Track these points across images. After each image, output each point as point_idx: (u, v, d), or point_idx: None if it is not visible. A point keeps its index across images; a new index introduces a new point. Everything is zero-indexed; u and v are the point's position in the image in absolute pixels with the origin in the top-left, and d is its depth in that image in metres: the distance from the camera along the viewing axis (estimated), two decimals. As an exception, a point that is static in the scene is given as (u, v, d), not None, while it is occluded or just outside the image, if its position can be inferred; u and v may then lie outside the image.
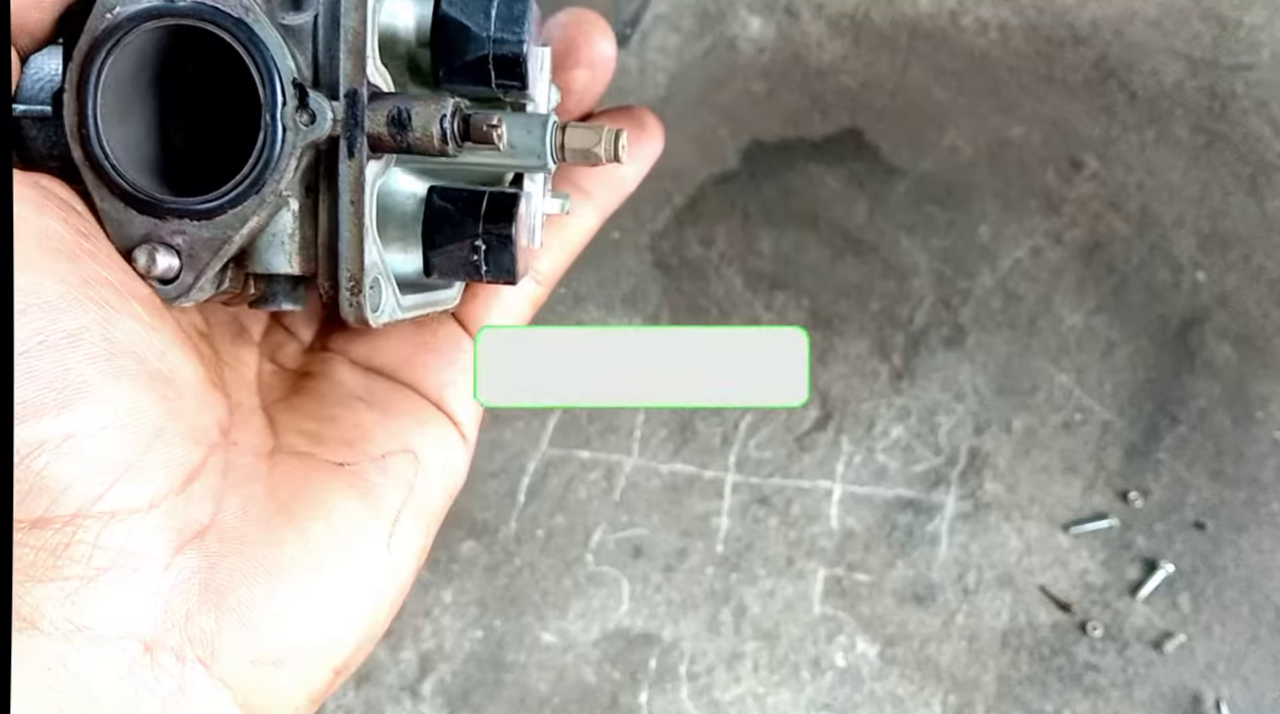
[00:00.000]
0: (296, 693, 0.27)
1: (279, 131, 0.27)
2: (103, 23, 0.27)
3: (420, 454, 0.32)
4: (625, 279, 0.73)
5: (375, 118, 0.27)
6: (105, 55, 0.27)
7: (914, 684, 0.67)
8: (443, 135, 0.28)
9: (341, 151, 0.27)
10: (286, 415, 0.31)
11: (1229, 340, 0.73)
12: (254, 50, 0.27)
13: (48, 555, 0.23)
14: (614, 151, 0.31)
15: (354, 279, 0.28)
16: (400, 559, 0.30)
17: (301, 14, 0.27)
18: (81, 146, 0.27)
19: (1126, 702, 0.67)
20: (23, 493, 0.23)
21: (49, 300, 0.24)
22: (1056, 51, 0.78)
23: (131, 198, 0.27)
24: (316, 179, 0.28)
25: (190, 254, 0.27)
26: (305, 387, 0.33)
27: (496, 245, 0.30)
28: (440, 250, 0.31)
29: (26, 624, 0.23)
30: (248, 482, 0.28)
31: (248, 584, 0.26)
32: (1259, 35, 0.78)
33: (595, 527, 0.70)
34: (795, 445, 0.71)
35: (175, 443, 0.26)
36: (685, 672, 0.67)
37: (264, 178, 0.27)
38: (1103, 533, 0.69)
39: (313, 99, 0.27)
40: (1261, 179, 0.75)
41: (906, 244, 0.74)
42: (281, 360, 0.34)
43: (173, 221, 0.27)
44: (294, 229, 0.28)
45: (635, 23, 0.78)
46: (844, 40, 0.78)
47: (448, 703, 0.67)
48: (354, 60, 0.27)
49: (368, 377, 0.33)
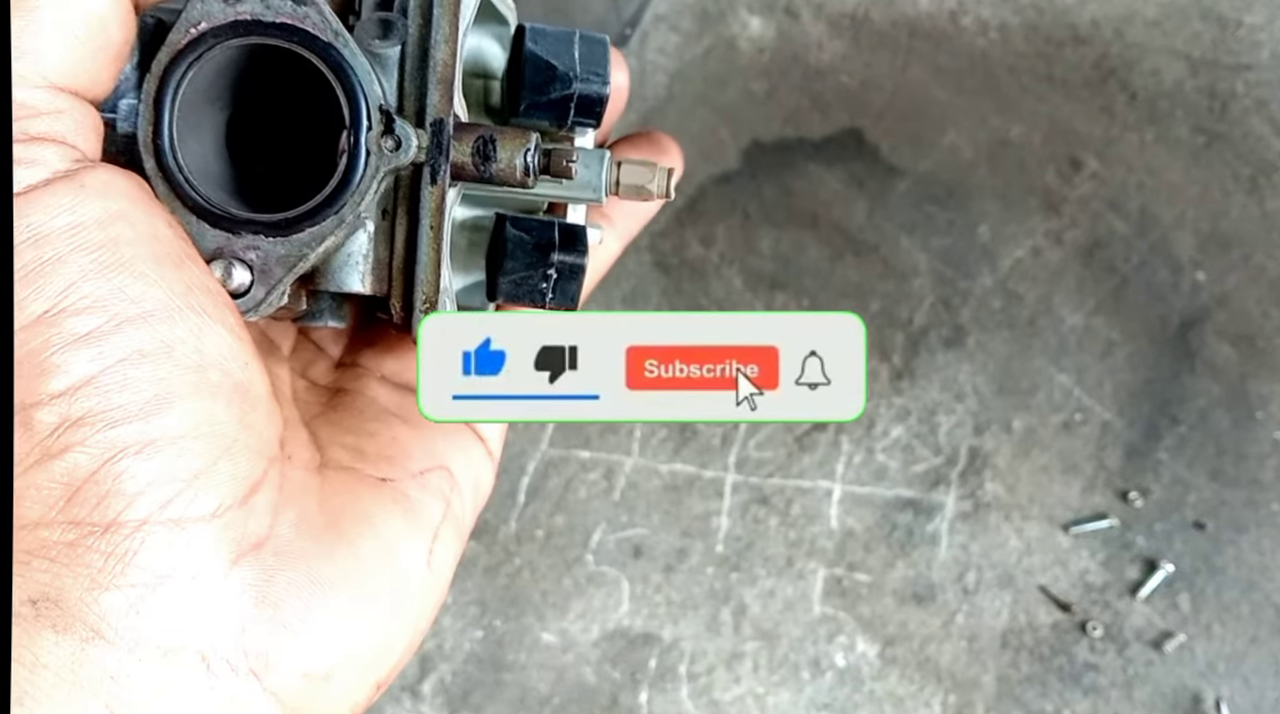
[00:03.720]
0: (342, 706, 0.28)
1: (362, 155, 0.27)
2: (186, 36, 0.27)
3: (454, 471, 0.32)
4: (625, 279, 0.74)
5: (460, 148, 0.28)
6: (186, 69, 0.27)
7: (914, 684, 0.67)
8: (525, 168, 0.28)
9: (424, 178, 0.28)
10: (326, 430, 0.32)
11: (1229, 340, 0.73)
12: (342, 75, 0.27)
13: (116, 562, 0.24)
14: (666, 188, 0.32)
15: (429, 301, 0.29)
16: (439, 573, 0.31)
17: (390, 43, 0.28)
18: (156, 158, 0.27)
19: (1126, 702, 0.67)
20: (100, 496, 0.23)
21: (152, 310, 0.25)
22: (1056, 51, 0.78)
23: (205, 212, 0.27)
24: (394, 203, 0.29)
25: (263, 269, 0.28)
26: (341, 402, 0.33)
27: (568, 275, 0.31)
28: (511, 277, 0.31)
29: (94, 634, 0.23)
30: (301, 495, 0.28)
31: (302, 597, 0.26)
32: (1259, 35, 0.78)
33: (595, 527, 0.70)
34: (795, 445, 0.71)
35: (243, 455, 0.26)
36: (685, 672, 0.67)
37: (344, 199, 0.28)
38: (1103, 533, 0.69)
39: (399, 126, 0.28)
40: (1261, 179, 0.75)
41: (906, 244, 0.74)
42: (313, 376, 0.34)
43: (246, 237, 0.28)
44: (368, 250, 0.29)
45: (635, 23, 0.78)
46: (844, 40, 0.78)
47: (448, 703, 0.67)
48: (442, 91, 0.28)
49: (399, 393, 0.34)
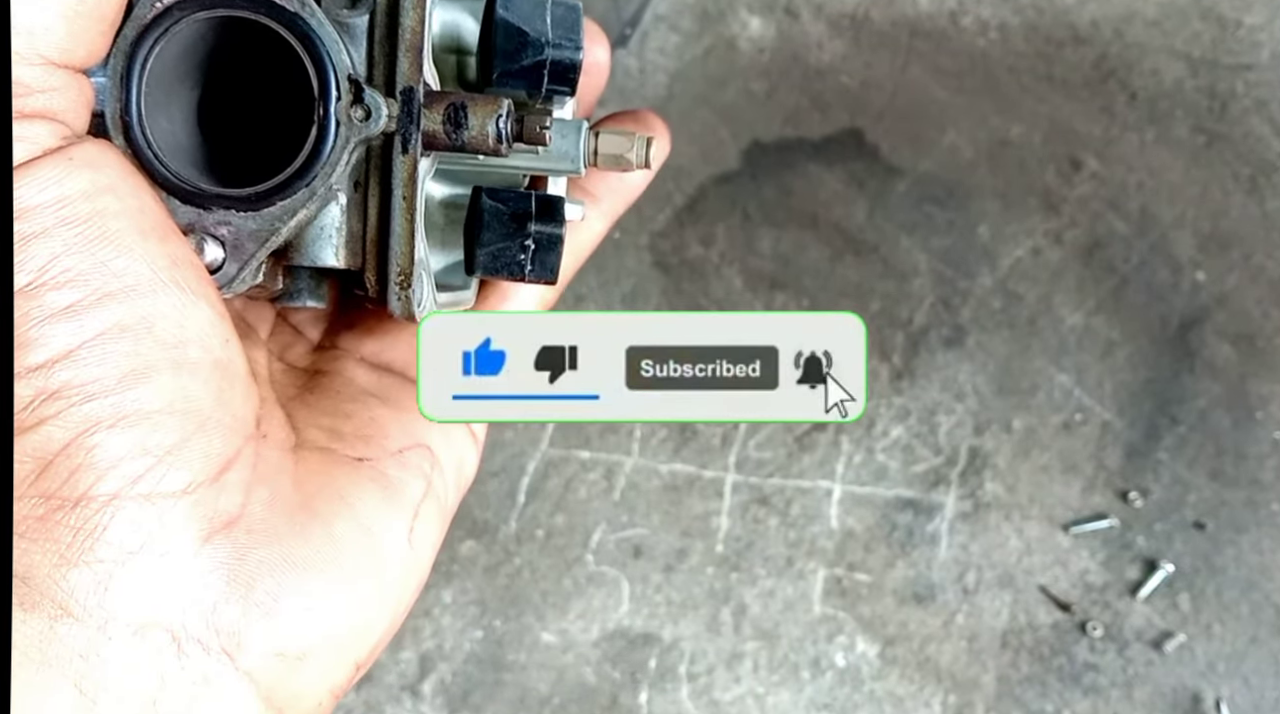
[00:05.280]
0: (320, 687, 0.28)
1: (332, 126, 0.27)
2: (151, 11, 0.27)
3: (434, 449, 0.32)
4: (625, 279, 0.73)
5: (431, 115, 0.28)
6: (152, 45, 0.27)
7: (914, 684, 0.67)
8: (498, 135, 0.28)
9: (396, 147, 0.28)
10: (302, 412, 0.31)
11: (1229, 340, 0.73)
12: (309, 45, 0.27)
13: (85, 537, 0.23)
14: (645, 158, 0.31)
15: (403, 274, 0.28)
16: (420, 552, 0.31)
17: (357, 11, 0.27)
18: (125, 134, 0.27)
19: (1126, 702, 0.67)
20: (71, 469, 0.23)
21: (134, 284, 0.24)
22: (1056, 51, 0.78)
23: (175, 188, 0.27)
24: (366, 174, 0.29)
25: (235, 245, 0.27)
26: (318, 384, 0.33)
27: (546, 245, 0.31)
28: (488, 248, 0.31)
29: (62, 611, 0.23)
30: (275, 475, 0.28)
31: (275, 576, 0.26)
32: (1259, 35, 0.78)
33: (595, 527, 0.70)
34: (795, 445, 0.71)
35: (217, 432, 0.26)
36: (685, 672, 0.67)
37: (315, 171, 0.27)
38: (1103, 533, 0.69)
39: (368, 95, 0.27)
40: (1261, 179, 0.75)
41: (906, 244, 0.74)
42: (291, 359, 0.34)
43: (218, 212, 0.27)
44: (341, 223, 0.29)
45: (635, 23, 0.78)
46: (844, 40, 0.78)
47: (448, 703, 0.67)
48: (411, 58, 0.27)
49: (379, 374, 0.34)
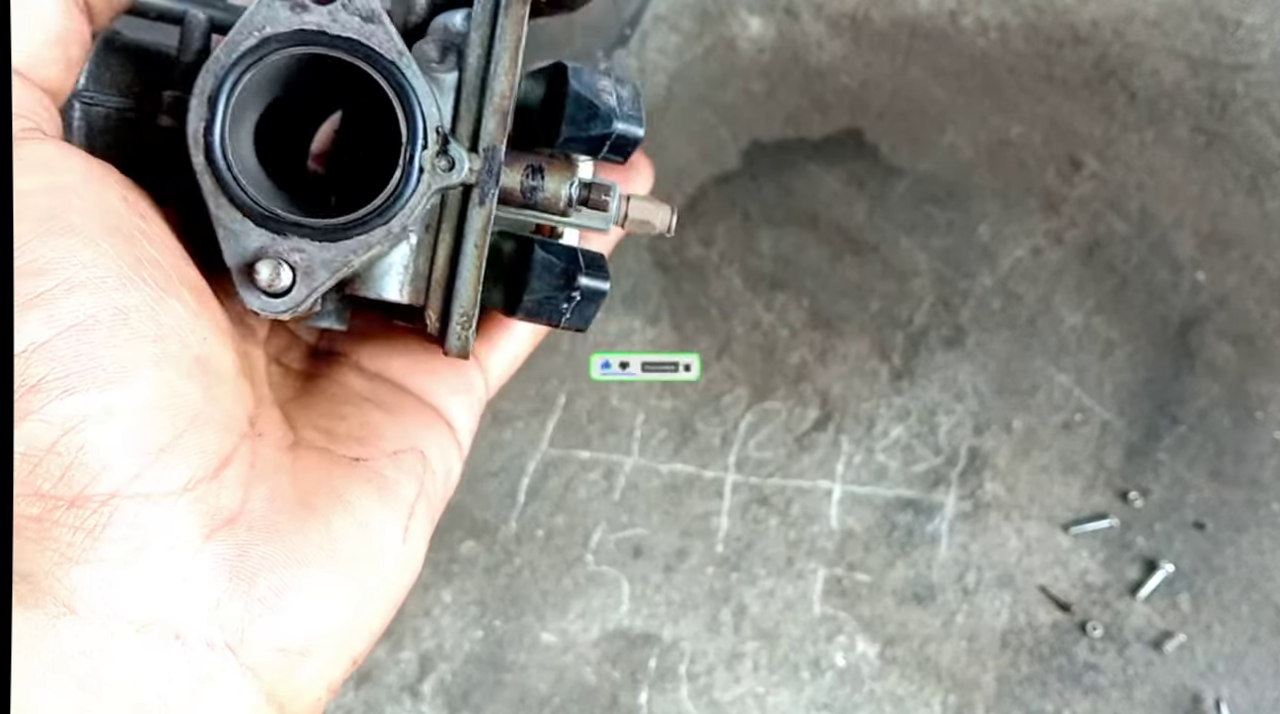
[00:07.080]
0: (319, 682, 0.28)
1: (415, 172, 0.29)
2: (249, 39, 0.27)
3: (427, 454, 0.32)
4: (625, 279, 0.73)
5: (510, 174, 0.31)
6: (245, 70, 0.28)
7: (914, 684, 0.67)
8: (569, 199, 0.31)
9: (474, 199, 0.30)
10: (299, 413, 0.32)
11: (1229, 340, 0.73)
12: (402, 94, 0.28)
13: (85, 536, 0.23)
14: (670, 225, 0.34)
15: (466, 315, 0.30)
16: (414, 551, 0.31)
17: (446, 67, 0.29)
18: (206, 154, 0.28)
19: (1126, 702, 0.67)
20: (64, 467, 0.23)
21: (104, 277, 0.24)
22: (1056, 51, 0.78)
23: (250, 210, 0.28)
24: (439, 219, 0.30)
25: (307, 272, 0.28)
26: (314, 387, 0.33)
27: (589, 297, 0.33)
28: (536, 296, 0.32)
29: (65, 609, 0.23)
30: (273, 472, 0.28)
31: (276, 572, 0.26)
32: (1259, 35, 0.78)
33: (595, 527, 0.70)
34: (795, 445, 0.71)
35: (210, 429, 0.26)
36: (685, 672, 0.67)
37: (394, 211, 0.28)
38: (1103, 533, 0.69)
39: (453, 148, 0.29)
40: (1261, 179, 0.75)
41: (906, 244, 0.74)
42: (287, 362, 0.34)
43: (292, 238, 0.28)
44: (409, 262, 0.30)
45: (635, 23, 0.78)
46: (844, 40, 0.78)
47: (448, 703, 0.67)
48: (498, 120, 0.29)
49: (373, 381, 0.34)
